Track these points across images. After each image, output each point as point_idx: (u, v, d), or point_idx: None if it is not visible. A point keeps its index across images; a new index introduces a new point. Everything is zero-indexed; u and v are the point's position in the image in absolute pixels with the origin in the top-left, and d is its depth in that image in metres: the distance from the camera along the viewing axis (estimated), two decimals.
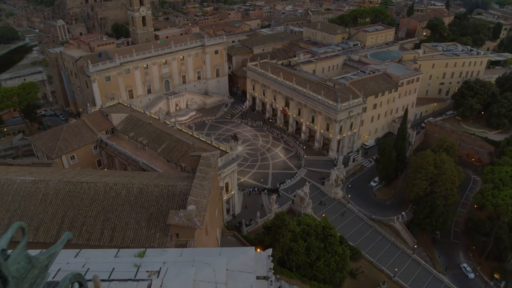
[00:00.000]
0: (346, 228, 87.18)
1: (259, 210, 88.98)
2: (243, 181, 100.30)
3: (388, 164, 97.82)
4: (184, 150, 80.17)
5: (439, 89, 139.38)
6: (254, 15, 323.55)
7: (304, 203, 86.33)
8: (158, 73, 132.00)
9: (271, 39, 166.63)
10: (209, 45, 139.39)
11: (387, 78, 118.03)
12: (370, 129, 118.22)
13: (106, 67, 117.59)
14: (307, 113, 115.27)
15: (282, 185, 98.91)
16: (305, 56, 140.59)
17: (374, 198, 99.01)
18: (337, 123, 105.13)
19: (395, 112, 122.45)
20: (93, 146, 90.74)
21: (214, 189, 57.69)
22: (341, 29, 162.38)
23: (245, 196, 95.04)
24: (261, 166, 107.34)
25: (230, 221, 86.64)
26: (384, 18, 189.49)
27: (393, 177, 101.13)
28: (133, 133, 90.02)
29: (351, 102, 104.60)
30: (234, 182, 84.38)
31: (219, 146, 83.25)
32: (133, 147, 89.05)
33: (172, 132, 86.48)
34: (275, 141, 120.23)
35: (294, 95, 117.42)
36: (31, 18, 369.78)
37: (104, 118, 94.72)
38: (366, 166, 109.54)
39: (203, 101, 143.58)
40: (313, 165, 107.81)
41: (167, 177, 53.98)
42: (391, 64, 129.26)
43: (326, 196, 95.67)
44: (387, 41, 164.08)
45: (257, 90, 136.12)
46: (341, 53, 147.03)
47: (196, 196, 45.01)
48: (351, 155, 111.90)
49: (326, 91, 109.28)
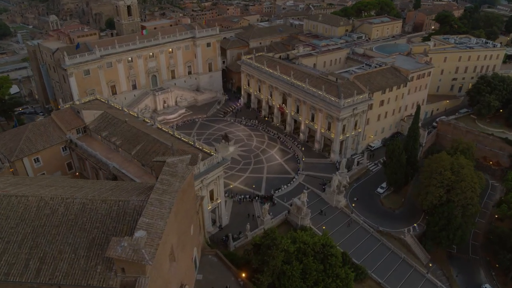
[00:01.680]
0: (350, 242, 75.82)
1: (250, 221, 77.76)
2: (233, 187, 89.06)
3: (397, 168, 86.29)
4: (161, 152, 69.17)
5: (451, 85, 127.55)
6: (253, 11, 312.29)
7: (301, 214, 75.01)
8: (144, 67, 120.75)
9: (268, 32, 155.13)
10: (201, 37, 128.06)
11: (396, 72, 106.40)
12: (377, 128, 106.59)
13: (84, 60, 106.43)
14: (307, 110, 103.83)
15: (277, 191, 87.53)
16: (305, 49, 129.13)
17: (381, 207, 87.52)
18: (339, 122, 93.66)
19: (404, 109, 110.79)
20: (62, 147, 79.93)
21: (186, 203, 46.61)
22: (344, 21, 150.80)
23: (235, 204, 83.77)
24: (254, 169, 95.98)
25: (217, 234, 75.37)
26: (390, 11, 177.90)
27: (403, 182, 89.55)
28: (106, 132, 78.99)
29: (356, 98, 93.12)
30: (220, 189, 73.10)
31: (203, 147, 72.06)
32: (106, 149, 78.18)
33: (150, 132, 75.41)
34: (271, 142, 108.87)
35: (292, 90, 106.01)
36: (25, 14, 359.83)
37: (76, 115, 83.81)
38: (372, 170, 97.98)
39: (194, 98, 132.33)
40: (313, 168, 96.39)
41: (124, 189, 42.75)
42: (399, 57, 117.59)
43: (327, 205, 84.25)
44: (393, 34, 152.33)
45: (252, 85, 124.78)
46: (344, 46, 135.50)
47: (151, 217, 33.78)
48: (355, 157, 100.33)
49: (327, 86, 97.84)
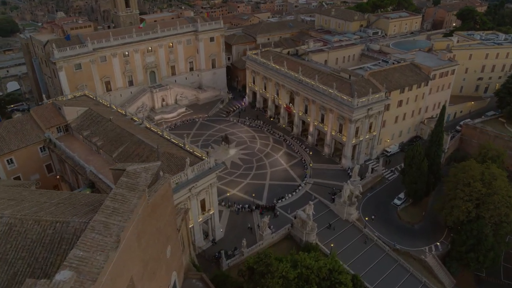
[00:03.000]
0: (362, 262, 65.73)
1: (248, 235, 68.28)
2: (231, 195, 79.66)
3: (418, 176, 75.76)
4: (145, 155, 60.20)
5: (476, 86, 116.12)
6: (265, 9, 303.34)
7: (306, 228, 65.21)
8: (141, 62, 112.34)
9: (277, 27, 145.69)
10: (203, 31, 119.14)
11: (416, 69, 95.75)
12: (394, 131, 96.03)
13: (75, 53, 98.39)
14: (316, 110, 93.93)
15: (280, 201, 77.81)
16: (315, 45, 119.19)
17: (398, 220, 77.06)
18: (352, 124, 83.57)
19: (424, 111, 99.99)
20: (40, 147, 71.58)
21: (159, 220, 37.42)
22: (358, 16, 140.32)
23: (232, 215, 74.35)
24: (256, 175, 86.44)
25: (209, 249, 66.07)
26: (408, 6, 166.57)
27: (424, 193, 78.90)
28: (88, 131, 70.39)
29: (371, 98, 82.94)
30: (213, 198, 63.76)
31: (194, 150, 62.79)
32: (87, 150, 69.63)
33: (136, 132, 66.50)
34: (276, 145, 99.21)
35: (300, 88, 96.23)
36: (35, 12, 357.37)
37: (57, 112, 75.45)
38: (388, 179, 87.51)
39: (195, 96, 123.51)
40: (321, 175, 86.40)
41: (76, 203, 33.65)
42: (419, 53, 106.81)
43: (337, 218, 74.19)
44: (412, 30, 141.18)
45: (257, 83, 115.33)
46: (358, 42, 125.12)
47: (87, 249, 24.44)
48: (369, 164, 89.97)
49: (339, 83, 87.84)
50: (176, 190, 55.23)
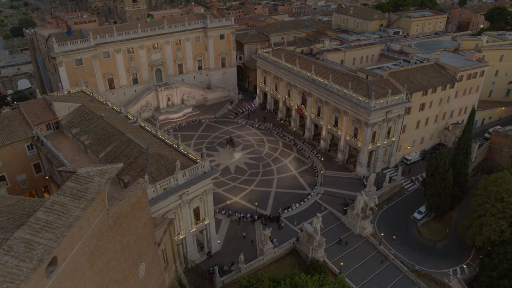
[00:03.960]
0: (376, 284, 57.76)
1: (248, 248, 61.30)
2: (233, 203, 72.80)
3: (441, 188, 67.32)
4: (133, 155, 54.02)
5: (507, 90, 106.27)
6: (282, 11, 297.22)
7: (313, 244, 57.72)
8: (146, 59, 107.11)
9: (292, 26, 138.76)
10: (213, 28, 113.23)
11: (440, 70, 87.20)
12: (415, 138, 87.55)
13: (76, 48, 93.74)
14: (329, 113, 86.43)
15: (286, 211, 70.49)
16: (331, 43, 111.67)
17: (418, 237, 68.60)
18: (368, 128, 75.75)
19: (449, 116, 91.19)
20: (28, 145, 66.43)
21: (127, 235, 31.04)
22: (378, 14, 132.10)
23: (232, 225, 67.42)
24: (261, 182, 79.39)
25: (204, 263, 59.27)
26: (432, 6, 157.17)
27: (448, 207, 70.23)
28: (77, 129, 64.83)
29: (390, 99, 75.03)
30: (208, 207, 57.00)
31: (188, 152, 56.26)
32: (75, 149, 64.04)
33: (127, 131, 60.49)
34: (285, 149, 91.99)
35: (312, 89, 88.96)
36: (55, 12, 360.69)
37: (47, 108, 70.26)
38: (408, 190, 79.11)
39: (203, 96, 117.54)
40: (333, 184, 78.72)
41: (10, 213, 27.44)
42: (444, 53, 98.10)
43: (349, 232, 66.36)
44: (436, 30, 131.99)
45: (268, 83, 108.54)
46: (377, 41, 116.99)
47: None
48: (386, 172, 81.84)
49: (355, 83, 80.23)
50: (164, 197, 48.83)
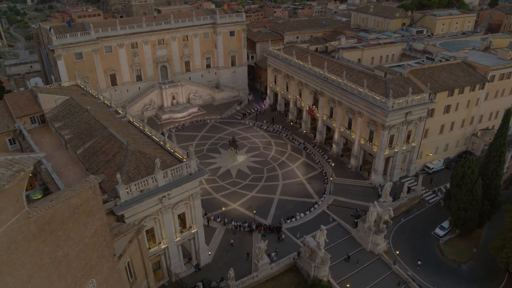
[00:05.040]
0: None
1: (243, 261, 54.01)
2: (231, 210, 65.70)
3: (468, 201, 58.39)
4: (112, 152, 47.85)
5: None
6: (302, 14, 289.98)
7: (316, 260, 49.91)
8: (151, 55, 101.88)
9: (308, 24, 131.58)
10: (222, 24, 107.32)
11: (469, 68, 78.16)
12: (438, 144, 78.52)
13: (76, 41, 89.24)
14: (342, 114, 78.55)
15: (289, 221, 62.82)
16: (348, 41, 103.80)
17: (440, 257, 59.62)
18: (385, 130, 67.52)
19: (477, 121, 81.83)
20: (10, 139, 61.30)
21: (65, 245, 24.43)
22: (400, 13, 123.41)
23: (227, 234, 60.21)
24: (264, 188, 72.03)
25: (190, 277, 52.27)
26: (460, 6, 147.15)
27: (476, 224, 61.11)
28: (61, 123, 59.29)
29: (410, 99, 66.69)
30: (196, 213, 50.09)
31: (175, 150, 49.62)
32: (57, 144, 58.52)
33: (110, 125, 54.46)
34: (294, 153, 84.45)
35: (325, 88, 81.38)
36: None
37: (33, 100, 65.20)
38: (429, 201, 70.15)
39: (211, 95, 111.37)
40: (344, 193, 70.60)
41: None
42: (473, 52, 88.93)
43: (359, 248, 58.17)
44: (464, 31, 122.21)
45: (279, 83, 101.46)
46: (399, 40, 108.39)
47: None
48: (405, 181, 73.12)
49: (371, 81, 72.24)
50: (140, 200, 42.22)
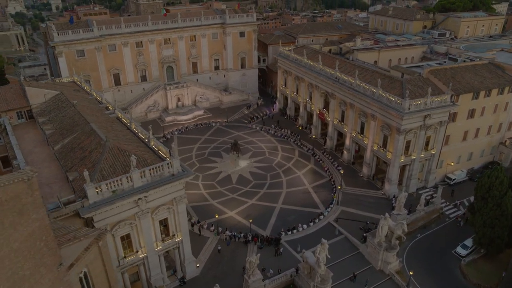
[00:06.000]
0: None
1: (233, 276, 47.96)
2: (227, 218, 59.93)
3: (496, 217, 50.94)
4: (90, 148, 43.10)
5: None
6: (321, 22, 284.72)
7: (315, 279, 43.48)
8: (157, 54, 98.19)
9: (323, 27, 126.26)
10: (232, 24, 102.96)
11: (496, 70, 70.70)
12: (461, 152, 70.93)
13: (78, 38, 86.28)
14: (354, 118, 72.14)
15: (290, 233, 56.51)
16: (364, 42, 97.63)
17: (461, 279, 52.09)
18: (401, 135, 60.77)
19: (506, 128, 73.90)
20: None
21: None
22: (421, 15, 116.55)
23: (220, 245, 54.28)
24: (266, 195, 66.01)
25: None
26: (486, 10, 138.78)
27: (505, 243, 53.35)
28: (45, 118, 55.27)
29: (429, 101, 59.87)
30: (180, 219, 44.57)
31: (159, 149, 44.45)
32: (39, 140, 54.58)
33: (93, 120, 49.92)
34: (301, 159, 78.28)
35: (336, 89, 75.30)
36: None
37: (21, 94, 61.63)
38: (450, 216, 62.56)
39: (218, 98, 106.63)
40: (354, 203, 63.84)
41: None
42: (501, 53, 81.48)
43: (367, 266, 51.29)
44: (491, 34, 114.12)
45: (289, 85, 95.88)
46: (419, 43, 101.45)
47: None
48: (423, 193, 65.79)
49: (386, 81, 65.83)
50: (111, 201, 37.05)
